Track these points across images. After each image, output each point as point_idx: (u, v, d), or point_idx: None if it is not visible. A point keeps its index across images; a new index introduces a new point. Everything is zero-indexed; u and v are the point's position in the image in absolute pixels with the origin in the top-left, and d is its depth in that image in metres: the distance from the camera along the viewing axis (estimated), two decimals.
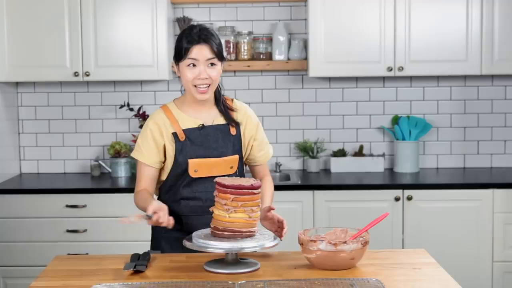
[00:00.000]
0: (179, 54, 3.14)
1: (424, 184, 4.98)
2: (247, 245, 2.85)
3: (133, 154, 3.30)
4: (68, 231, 4.89)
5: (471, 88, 5.48)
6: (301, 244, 2.92)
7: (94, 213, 4.89)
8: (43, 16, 5.06)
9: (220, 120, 3.28)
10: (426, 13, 5.06)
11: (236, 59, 5.36)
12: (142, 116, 5.34)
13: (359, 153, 5.45)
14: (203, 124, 3.24)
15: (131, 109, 5.39)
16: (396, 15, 5.06)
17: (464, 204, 4.89)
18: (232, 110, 3.31)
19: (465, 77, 5.46)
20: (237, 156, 3.28)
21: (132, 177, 5.31)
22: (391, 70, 5.08)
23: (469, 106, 5.50)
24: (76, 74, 5.09)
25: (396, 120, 5.46)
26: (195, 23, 5.25)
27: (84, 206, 4.88)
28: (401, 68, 5.07)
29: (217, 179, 2.94)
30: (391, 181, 5.06)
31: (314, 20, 5.07)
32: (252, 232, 2.92)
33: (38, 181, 5.33)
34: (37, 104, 5.52)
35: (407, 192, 4.88)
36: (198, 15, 5.45)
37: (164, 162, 3.28)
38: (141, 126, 5.33)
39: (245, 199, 2.88)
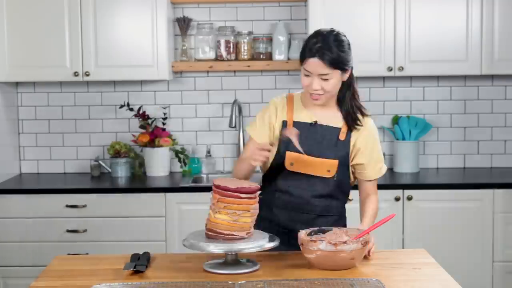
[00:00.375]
0: (300, 57, 3.15)
1: (424, 184, 4.98)
2: (247, 246, 2.85)
3: (246, 127, 3.36)
4: (68, 231, 4.89)
5: (471, 88, 5.48)
6: (301, 244, 2.92)
7: (94, 213, 4.88)
8: (43, 16, 5.06)
9: (336, 123, 3.24)
10: (426, 13, 5.06)
11: (236, 59, 5.35)
12: (142, 116, 5.33)
13: None
14: (316, 121, 3.23)
15: (131, 109, 5.37)
16: (396, 14, 5.05)
17: (464, 204, 4.89)
18: (361, 112, 3.27)
19: (465, 77, 5.46)
20: (336, 162, 3.22)
21: (132, 177, 5.32)
22: (391, 70, 5.08)
23: (469, 106, 5.49)
24: (76, 74, 5.08)
25: (396, 120, 5.46)
26: (196, 29, 5.30)
27: (84, 206, 4.88)
28: (401, 68, 5.07)
29: (216, 179, 2.96)
30: (391, 181, 5.04)
31: (314, 20, 5.06)
32: (235, 236, 2.90)
33: (38, 181, 5.33)
34: (37, 104, 5.52)
35: (407, 192, 4.87)
36: (198, 15, 5.45)
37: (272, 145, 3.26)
38: (141, 126, 5.35)
39: (229, 201, 2.87)
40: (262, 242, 2.89)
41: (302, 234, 2.95)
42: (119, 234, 4.88)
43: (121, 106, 5.40)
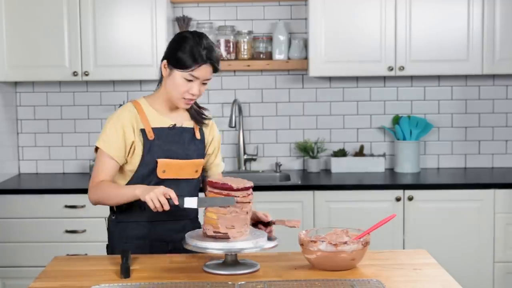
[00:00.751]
0: (180, 63, 3.06)
1: (425, 184, 4.97)
2: (246, 246, 2.84)
3: (97, 143, 3.14)
4: (67, 231, 4.88)
5: (472, 87, 5.47)
6: (301, 244, 2.91)
7: (93, 214, 4.85)
8: (42, 15, 5.05)
9: (188, 123, 3.26)
10: (427, 12, 5.05)
11: (236, 58, 5.34)
12: None
13: (360, 153, 5.44)
14: (174, 124, 3.21)
15: None
16: (397, 14, 5.04)
17: (465, 204, 4.88)
18: (203, 113, 3.32)
19: (466, 77, 5.45)
20: (202, 160, 3.26)
21: None
22: (391, 69, 5.07)
23: (470, 106, 5.49)
24: (75, 73, 5.07)
25: (396, 120, 5.45)
26: (196, 29, 5.29)
27: (83, 206, 4.86)
28: (402, 68, 5.06)
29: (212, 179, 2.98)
30: (392, 181, 5.05)
31: (315, 19, 5.06)
32: (221, 234, 2.89)
33: (37, 181, 5.32)
34: (36, 104, 5.51)
35: (408, 193, 4.87)
36: (198, 14, 5.44)
37: (126, 162, 3.17)
38: None
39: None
40: (262, 243, 2.88)
41: (303, 235, 2.94)
42: None
43: (120, 106, 5.34)
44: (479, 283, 4.89)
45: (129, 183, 3.16)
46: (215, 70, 3.10)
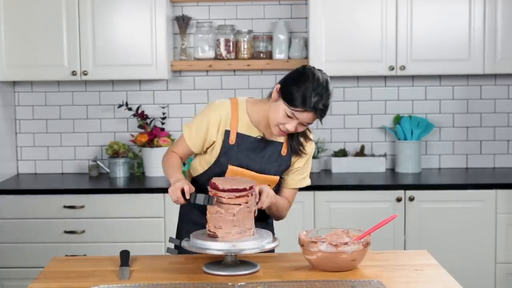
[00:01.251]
0: (289, 98, 2.97)
1: (426, 185, 4.96)
2: (246, 247, 2.84)
3: (184, 126, 3.25)
4: (66, 232, 4.88)
5: (473, 87, 5.47)
6: (302, 245, 2.91)
7: (92, 214, 4.87)
8: (40, 14, 5.04)
9: (279, 138, 3.19)
10: (428, 12, 5.05)
11: (236, 58, 5.33)
12: (141, 116, 5.32)
13: (361, 153, 5.42)
14: (262, 137, 3.18)
15: (130, 109, 5.36)
16: (398, 13, 5.03)
17: (467, 204, 4.88)
18: (302, 148, 3.23)
19: (467, 76, 5.45)
20: (277, 178, 3.22)
21: (130, 177, 5.31)
22: (392, 69, 5.06)
23: (472, 105, 5.48)
24: (74, 73, 5.07)
25: (398, 119, 5.44)
26: (195, 28, 5.28)
27: (82, 206, 4.86)
28: (403, 67, 5.05)
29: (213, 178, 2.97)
30: (393, 182, 5.04)
31: (315, 18, 5.05)
32: (211, 232, 2.90)
33: (36, 181, 5.31)
34: (35, 103, 5.51)
35: (409, 193, 4.86)
36: (198, 14, 5.43)
37: (205, 152, 3.23)
38: (139, 126, 5.34)
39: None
40: (262, 243, 2.88)
41: (303, 235, 2.94)
42: (117, 235, 4.87)
43: (120, 106, 5.38)
44: (480, 284, 4.88)
45: (204, 173, 3.24)
46: (317, 117, 2.98)
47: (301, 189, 4.78)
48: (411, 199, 4.84)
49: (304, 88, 2.94)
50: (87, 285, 2.74)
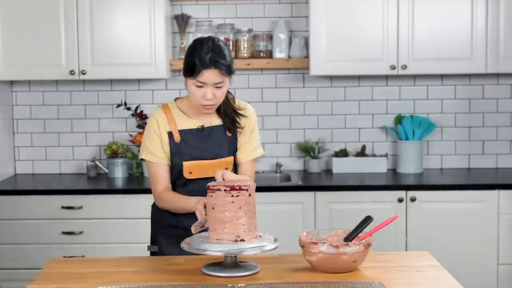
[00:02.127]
0: (189, 71, 3.15)
1: (428, 185, 4.95)
2: (246, 248, 2.83)
3: (143, 157, 3.32)
4: (64, 233, 4.87)
5: (476, 87, 5.46)
6: (302, 246, 2.90)
7: (90, 215, 4.86)
8: (38, 13, 5.03)
9: (219, 121, 3.33)
10: (430, 10, 5.04)
11: (236, 57, 5.32)
12: (140, 116, 5.32)
13: (362, 153, 5.41)
14: (202, 126, 3.30)
15: (128, 109, 5.36)
16: (399, 12, 5.03)
17: (469, 205, 4.87)
18: (238, 113, 3.34)
19: (469, 76, 5.44)
20: (232, 158, 3.34)
21: (129, 178, 5.31)
22: (394, 68, 5.05)
23: (474, 105, 5.47)
24: (72, 72, 5.06)
25: (399, 119, 5.43)
26: (195, 27, 5.28)
27: (80, 207, 4.85)
28: (404, 67, 5.04)
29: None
30: (394, 182, 5.04)
31: (316, 17, 5.04)
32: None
33: (33, 182, 5.30)
34: (32, 103, 5.50)
35: (411, 193, 4.85)
36: (197, 12, 5.43)
37: None
38: (138, 126, 5.35)
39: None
40: (262, 244, 2.86)
41: (303, 236, 2.93)
42: (116, 236, 4.86)
43: (118, 105, 5.39)
44: (483, 286, 4.88)
45: (172, 180, 3.34)
46: (223, 73, 3.14)
47: (301, 189, 4.84)
48: (413, 199, 4.83)
49: (191, 54, 3.14)
50: (86, 286, 2.74)
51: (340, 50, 5.04)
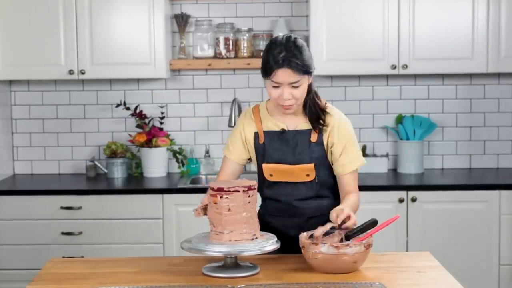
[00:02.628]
0: (264, 71, 3.11)
1: (428, 185, 4.95)
2: (246, 248, 2.84)
3: (223, 151, 3.39)
4: (63, 233, 4.86)
5: (477, 86, 5.45)
6: (302, 247, 2.91)
7: (89, 215, 4.86)
8: (37, 12, 5.03)
9: (304, 126, 3.25)
10: (430, 10, 5.03)
11: (236, 56, 5.32)
12: (139, 116, 5.32)
13: (362, 153, 5.36)
14: (283, 129, 3.24)
15: (128, 108, 5.35)
16: (400, 11, 5.02)
17: (470, 205, 4.87)
18: (324, 112, 3.25)
19: (471, 75, 5.44)
20: (312, 165, 3.21)
21: (129, 178, 5.31)
22: (394, 68, 5.05)
23: (475, 105, 5.47)
24: (71, 72, 5.06)
25: (400, 119, 5.43)
26: (194, 26, 5.26)
27: (79, 207, 4.85)
28: (405, 66, 5.04)
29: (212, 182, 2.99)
30: (395, 182, 5.04)
31: (316, 16, 5.04)
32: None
33: (32, 182, 5.30)
34: (31, 103, 5.49)
35: (411, 194, 4.85)
36: (197, 12, 5.42)
37: (250, 159, 3.37)
38: (138, 126, 5.35)
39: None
40: (262, 245, 2.87)
41: (304, 237, 2.93)
42: (115, 237, 4.86)
43: (118, 105, 5.37)
44: (484, 286, 4.87)
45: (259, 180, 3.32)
46: (297, 72, 3.06)
47: None
48: (414, 200, 4.82)
49: (265, 55, 3.10)
50: (85, 287, 2.75)
51: (341, 50, 5.04)
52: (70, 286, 2.78)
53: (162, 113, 5.40)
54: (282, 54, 3.04)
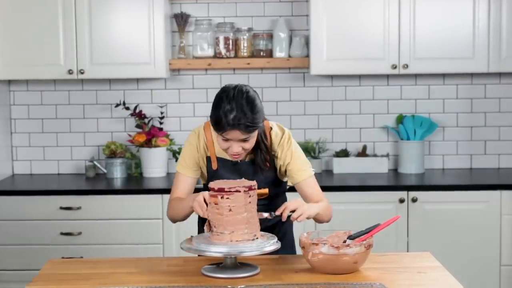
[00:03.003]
0: (215, 127, 3.05)
1: (429, 186, 4.94)
2: (246, 249, 2.85)
3: (177, 167, 3.32)
4: (62, 233, 4.86)
5: (478, 86, 5.45)
6: (303, 247, 2.91)
7: (88, 215, 4.86)
8: (36, 12, 5.03)
9: (252, 155, 3.25)
10: (431, 9, 5.03)
11: (236, 56, 5.32)
12: (139, 115, 5.32)
13: (363, 153, 5.40)
14: (237, 162, 3.24)
15: (127, 108, 5.35)
16: (401, 10, 5.02)
17: (471, 206, 4.86)
18: (271, 153, 3.26)
19: (471, 75, 5.43)
20: (267, 190, 3.19)
21: (128, 178, 5.30)
22: (395, 67, 5.05)
23: (476, 105, 5.46)
24: (70, 72, 5.06)
25: (400, 119, 5.42)
26: (194, 26, 5.25)
27: (79, 208, 4.85)
28: (405, 66, 5.04)
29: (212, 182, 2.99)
30: (396, 182, 5.03)
31: (316, 16, 5.03)
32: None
33: (31, 182, 5.30)
34: (30, 103, 5.49)
35: (412, 194, 4.84)
36: (196, 11, 5.42)
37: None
38: (137, 126, 5.35)
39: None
40: (262, 245, 2.87)
41: (304, 237, 2.94)
42: (114, 237, 4.86)
43: (117, 105, 5.37)
44: (485, 287, 4.87)
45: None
46: (247, 131, 3.03)
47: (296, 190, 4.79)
48: (414, 200, 4.82)
49: (217, 110, 3.02)
50: (84, 287, 2.75)
51: (341, 49, 5.03)
52: (69, 286, 2.79)
53: (161, 113, 5.40)
54: (233, 114, 2.98)
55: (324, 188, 4.79)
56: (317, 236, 3.00)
